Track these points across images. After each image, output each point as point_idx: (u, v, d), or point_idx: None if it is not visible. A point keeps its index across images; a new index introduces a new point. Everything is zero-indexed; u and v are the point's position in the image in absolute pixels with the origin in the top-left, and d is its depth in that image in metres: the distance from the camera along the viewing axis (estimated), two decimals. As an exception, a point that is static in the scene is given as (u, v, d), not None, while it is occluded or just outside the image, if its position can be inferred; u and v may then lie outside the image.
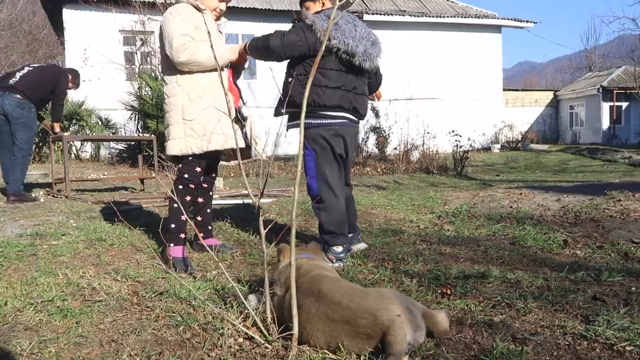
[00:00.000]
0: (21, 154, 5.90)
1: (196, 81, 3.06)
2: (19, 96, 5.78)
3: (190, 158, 3.11)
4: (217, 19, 3.29)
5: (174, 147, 3.08)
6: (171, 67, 3.08)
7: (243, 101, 3.42)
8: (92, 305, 2.32)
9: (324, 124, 3.13)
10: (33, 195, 6.33)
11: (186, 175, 3.14)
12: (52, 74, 6.25)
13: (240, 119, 3.33)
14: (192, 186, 3.18)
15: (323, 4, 3.27)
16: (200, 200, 3.41)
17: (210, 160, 3.29)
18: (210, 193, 3.55)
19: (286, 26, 3.24)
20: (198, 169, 3.17)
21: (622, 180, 7.69)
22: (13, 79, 5.94)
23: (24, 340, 1.95)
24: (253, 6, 17.30)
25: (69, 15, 16.60)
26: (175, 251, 3.08)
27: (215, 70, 3.02)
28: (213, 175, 3.51)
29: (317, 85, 3.06)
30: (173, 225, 3.10)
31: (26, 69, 6.13)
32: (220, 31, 3.43)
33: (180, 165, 3.21)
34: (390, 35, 17.31)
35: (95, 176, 9.01)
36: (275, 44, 3.08)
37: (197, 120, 3.03)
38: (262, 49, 3.14)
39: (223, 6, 3.23)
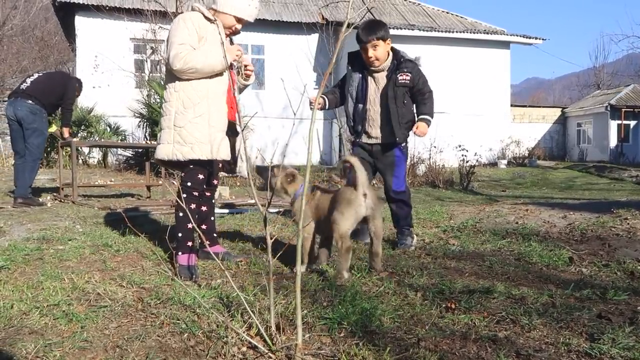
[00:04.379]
0: (31, 158, 5.98)
1: (193, 87, 3.08)
2: (30, 102, 5.88)
3: (192, 165, 3.12)
4: (228, 35, 3.31)
5: (161, 151, 3.12)
6: (171, 73, 3.12)
7: (239, 116, 3.42)
8: (97, 311, 2.33)
9: None
10: (40, 199, 6.39)
11: (189, 184, 3.15)
12: (61, 79, 6.37)
13: (235, 132, 3.34)
14: (196, 194, 3.19)
15: (389, 44, 3.82)
16: (203, 208, 3.40)
17: (212, 168, 3.29)
18: (213, 201, 3.56)
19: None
20: (201, 176, 3.17)
21: (629, 198, 7.66)
22: (24, 84, 6.07)
23: (30, 343, 1.96)
24: (263, 17, 17.43)
25: (81, 22, 16.80)
26: (182, 259, 3.09)
27: (214, 77, 3.10)
28: (215, 182, 3.51)
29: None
30: (180, 234, 3.12)
31: (36, 75, 6.27)
32: (232, 42, 3.46)
33: (182, 174, 3.23)
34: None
35: (102, 182, 9.07)
36: None
37: (186, 127, 3.05)
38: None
39: (239, 26, 3.28)
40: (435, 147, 12.45)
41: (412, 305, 2.51)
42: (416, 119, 3.87)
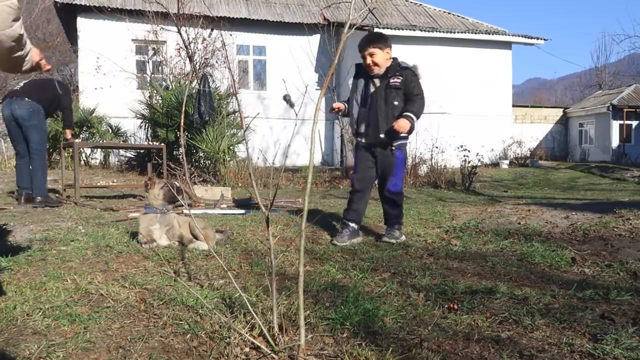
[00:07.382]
0: (38, 156, 6.03)
1: None
2: (27, 99, 5.94)
3: None
4: None
5: None
6: None
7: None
8: (100, 311, 2.33)
9: None
10: (54, 199, 6.44)
11: None
12: (49, 83, 6.52)
13: None
14: None
15: (388, 52, 4.12)
16: None
17: None
18: None
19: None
20: None
21: (632, 199, 7.64)
22: (17, 86, 6.24)
23: (33, 344, 1.97)
24: (265, 18, 17.45)
25: (83, 23, 16.83)
26: None
27: None
28: None
29: None
30: None
31: (24, 82, 6.45)
32: None
33: None
34: (400, 50, 17.34)
35: (105, 183, 9.08)
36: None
37: None
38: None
39: None
40: (437, 147, 12.45)
41: (415, 306, 2.51)
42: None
